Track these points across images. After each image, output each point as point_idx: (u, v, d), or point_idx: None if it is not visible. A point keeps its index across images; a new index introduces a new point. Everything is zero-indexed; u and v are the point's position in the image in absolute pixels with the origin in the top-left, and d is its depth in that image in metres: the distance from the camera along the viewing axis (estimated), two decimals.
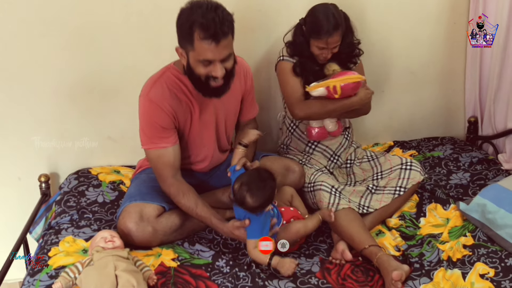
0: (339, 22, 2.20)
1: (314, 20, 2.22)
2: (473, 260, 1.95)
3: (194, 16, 1.84)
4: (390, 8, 2.66)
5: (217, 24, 1.82)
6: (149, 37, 2.49)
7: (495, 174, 2.48)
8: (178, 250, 2.07)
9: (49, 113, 2.53)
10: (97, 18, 2.42)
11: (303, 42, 2.28)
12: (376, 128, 2.87)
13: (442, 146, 2.79)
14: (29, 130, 2.54)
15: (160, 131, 2.01)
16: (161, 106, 1.99)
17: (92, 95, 2.54)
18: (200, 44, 1.84)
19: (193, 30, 1.84)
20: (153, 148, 2.03)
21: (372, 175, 2.37)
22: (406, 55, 2.76)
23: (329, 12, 2.21)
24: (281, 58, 2.38)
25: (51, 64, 2.45)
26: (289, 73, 2.35)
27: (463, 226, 2.15)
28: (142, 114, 2.02)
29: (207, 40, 1.83)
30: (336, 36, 2.20)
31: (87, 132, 2.59)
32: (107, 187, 2.47)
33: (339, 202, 2.16)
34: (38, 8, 2.35)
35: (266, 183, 1.94)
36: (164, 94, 2.00)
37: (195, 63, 1.91)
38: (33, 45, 2.40)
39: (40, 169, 2.59)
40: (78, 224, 2.22)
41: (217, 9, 1.85)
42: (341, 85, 2.18)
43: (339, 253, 2.04)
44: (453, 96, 2.89)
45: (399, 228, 2.19)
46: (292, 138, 2.50)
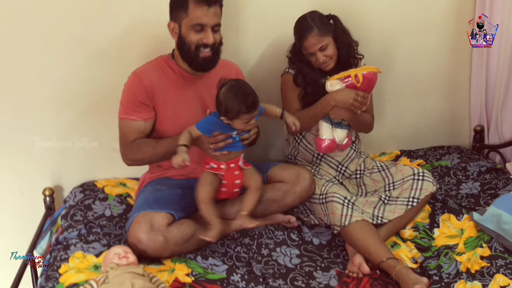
0: (311, 24, 2.24)
1: (295, 29, 2.31)
2: (492, 271, 1.94)
3: None
4: (395, 18, 2.65)
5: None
6: (155, 47, 2.44)
7: (505, 184, 2.48)
8: (191, 264, 2.03)
9: (51, 123, 2.48)
10: (102, 28, 2.38)
11: (298, 52, 2.33)
12: (382, 137, 2.86)
13: (449, 155, 2.79)
14: (31, 142, 2.48)
15: (136, 105, 2.16)
16: (142, 80, 2.15)
17: (96, 106, 2.49)
18: (193, 8, 2.05)
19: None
20: (126, 118, 2.17)
21: (383, 185, 2.36)
22: (412, 64, 2.76)
23: (302, 18, 2.28)
24: (286, 71, 2.41)
25: (54, 74, 2.40)
26: (288, 87, 2.40)
27: (478, 237, 2.14)
28: (125, 86, 2.19)
29: (200, 3, 2.04)
30: (311, 38, 2.23)
31: (91, 144, 2.54)
32: (114, 200, 2.42)
33: (352, 214, 2.13)
34: (42, 18, 2.31)
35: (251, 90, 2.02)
36: (149, 71, 2.18)
37: (187, 31, 2.09)
38: (37, 55, 2.35)
39: (42, 182, 2.54)
40: (87, 239, 2.17)
41: None
42: (363, 74, 2.20)
43: (356, 266, 2.02)
44: (458, 105, 2.89)
45: (414, 240, 2.17)
46: (299, 149, 2.48)
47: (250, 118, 2.01)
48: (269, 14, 2.52)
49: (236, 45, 2.53)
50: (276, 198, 2.24)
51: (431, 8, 2.66)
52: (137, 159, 2.22)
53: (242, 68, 2.44)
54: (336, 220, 2.14)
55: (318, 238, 2.23)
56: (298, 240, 2.20)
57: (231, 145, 2.09)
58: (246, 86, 2.04)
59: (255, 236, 2.18)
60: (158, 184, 2.26)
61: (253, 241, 2.15)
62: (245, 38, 2.54)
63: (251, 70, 2.59)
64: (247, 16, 2.50)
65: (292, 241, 2.19)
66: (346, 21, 2.36)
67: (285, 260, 2.09)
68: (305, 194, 2.25)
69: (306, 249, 2.16)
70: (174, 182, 2.27)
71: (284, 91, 2.42)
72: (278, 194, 2.23)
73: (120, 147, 2.23)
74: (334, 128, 2.35)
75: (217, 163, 2.11)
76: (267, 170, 2.30)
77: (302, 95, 2.38)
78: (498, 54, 2.60)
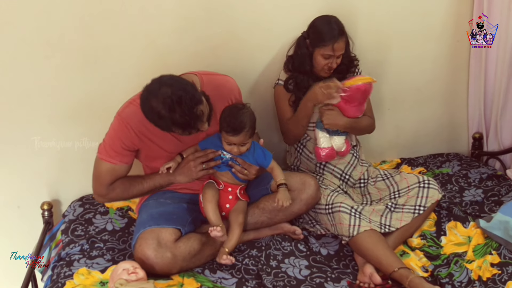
0: (342, 28, 2.25)
1: (319, 29, 2.27)
2: (504, 278, 1.93)
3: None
4: (395, 26, 2.66)
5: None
6: (155, 58, 2.42)
7: (507, 190, 2.49)
8: (199, 278, 1.99)
9: (50, 135, 2.42)
10: (102, 40, 2.34)
11: (306, 55, 2.30)
12: (382, 146, 2.86)
13: (449, 162, 2.80)
14: (29, 155, 2.42)
15: (121, 150, 2.06)
16: (132, 127, 2.04)
17: (95, 119, 2.43)
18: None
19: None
20: (106, 160, 2.08)
21: (389, 194, 2.35)
22: (411, 73, 2.77)
23: (332, 20, 2.28)
24: (277, 82, 2.42)
25: (54, 86, 2.35)
26: (280, 98, 2.42)
27: (486, 244, 2.14)
28: (111, 128, 2.08)
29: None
30: (341, 42, 2.24)
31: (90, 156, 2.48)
32: (115, 214, 2.37)
33: (360, 224, 2.11)
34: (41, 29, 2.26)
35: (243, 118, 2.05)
36: (136, 116, 2.01)
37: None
38: (36, 67, 2.30)
39: (40, 196, 2.47)
40: (90, 254, 2.13)
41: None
42: (357, 85, 2.20)
43: (367, 276, 2.00)
44: (457, 112, 2.91)
45: (423, 248, 2.16)
46: (301, 159, 2.47)
47: (232, 142, 2.07)
48: (271, 25, 2.50)
49: (238, 55, 2.50)
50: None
51: (430, 17, 2.67)
52: (117, 198, 2.18)
53: (243, 78, 2.42)
54: (344, 231, 2.12)
55: (326, 249, 2.21)
56: (306, 251, 2.17)
57: (217, 166, 2.15)
58: (244, 113, 2.07)
59: (263, 247, 2.15)
60: (161, 197, 2.21)
61: (261, 252, 2.12)
62: (248, 48, 2.52)
63: (252, 80, 2.58)
64: (249, 26, 2.49)
65: (300, 252, 2.16)
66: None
67: (294, 271, 2.06)
68: (312, 201, 2.23)
69: (314, 259, 2.13)
70: (179, 196, 2.22)
71: (277, 102, 2.45)
72: None
73: (94, 185, 2.14)
74: (331, 136, 2.34)
75: (217, 180, 2.16)
76: (270, 180, 2.27)
77: (293, 100, 2.38)
78: (496, 61, 2.62)
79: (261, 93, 2.57)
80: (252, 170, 2.15)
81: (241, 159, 2.13)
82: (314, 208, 2.27)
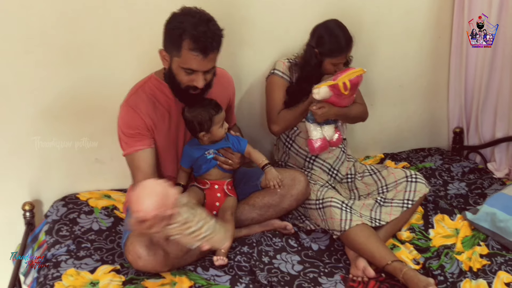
0: (351, 37, 2.26)
1: (332, 39, 2.26)
2: (494, 269, 1.97)
3: (185, 24, 1.87)
4: (378, 23, 2.68)
5: (208, 38, 1.87)
6: (140, 55, 2.37)
7: (490, 183, 2.54)
8: (192, 276, 1.96)
9: (30, 133, 2.34)
10: (85, 35, 2.27)
11: (316, 65, 2.31)
12: (366, 141, 2.88)
13: (430, 157, 2.84)
14: (8, 153, 2.34)
15: (138, 135, 2.04)
16: (137, 111, 2.03)
17: (78, 115, 2.38)
18: (187, 53, 1.88)
19: (183, 38, 1.87)
20: (132, 151, 2.04)
21: (376, 188, 2.36)
22: (394, 69, 2.80)
23: (342, 28, 2.27)
24: (273, 72, 2.39)
25: (34, 83, 2.27)
26: (275, 88, 2.38)
27: (474, 236, 2.18)
28: (121, 119, 2.05)
29: (195, 51, 1.87)
30: (351, 48, 2.27)
31: (72, 155, 2.42)
32: (101, 213, 2.32)
33: (351, 218, 2.12)
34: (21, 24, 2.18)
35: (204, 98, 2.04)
36: (143, 101, 2.04)
37: (178, 69, 1.94)
38: (16, 62, 2.22)
39: (20, 197, 2.39)
40: (77, 255, 2.07)
41: (209, 22, 1.90)
42: (350, 80, 2.18)
43: (360, 270, 2.00)
44: (438, 107, 2.95)
45: (412, 241, 2.19)
46: (290, 154, 2.46)
47: (222, 119, 2.08)
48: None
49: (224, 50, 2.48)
50: (273, 203, 2.21)
51: (412, 14, 2.70)
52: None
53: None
54: (336, 225, 2.12)
55: (316, 244, 2.21)
56: (297, 247, 2.17)
57: (205, 165, 2.15)
58: (199, 99, 2.05)
59: (254, 244, 2.14)
60: None
61: (253, 249, 2.11)
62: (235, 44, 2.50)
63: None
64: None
65: (291, 248, 2.16)
66: None
67: (287, 267, 2.05)
68: (302, 196, 2.23)
69: (306, 255, 2.13)
70: None
71: (270, 91, 2.40)
72: (275, 198, 2.20)
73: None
74: (322, 126, 2.34)
75: (202, 181, 2.17)
76: (259, 176, 2.26)
77: (287, 102, 2.37)
78: (477, 57, 2.67)
79: (248, 91, 2.57)
80: (235, 158, 2.16)
81: (222, 149, 2.15)
82: (303, 204, 2.28)
